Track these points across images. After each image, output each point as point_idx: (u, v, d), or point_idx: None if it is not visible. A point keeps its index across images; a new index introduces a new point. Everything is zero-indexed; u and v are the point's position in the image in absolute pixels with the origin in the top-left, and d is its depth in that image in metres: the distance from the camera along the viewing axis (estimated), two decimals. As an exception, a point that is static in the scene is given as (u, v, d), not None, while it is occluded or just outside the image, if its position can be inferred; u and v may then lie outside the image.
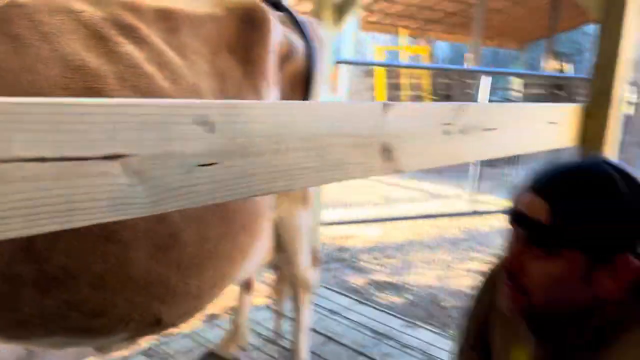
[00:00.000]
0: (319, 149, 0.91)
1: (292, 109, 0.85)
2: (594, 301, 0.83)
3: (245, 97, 1.38)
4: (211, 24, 1.39)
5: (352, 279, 3.34)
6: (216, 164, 0.75)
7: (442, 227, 4.64)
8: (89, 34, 1.11)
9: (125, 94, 1.09)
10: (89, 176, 0.62)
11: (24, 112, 0.56)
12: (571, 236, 0.81)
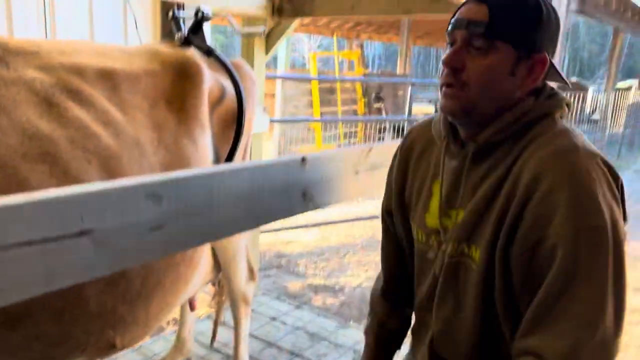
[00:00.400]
0: (248, 202, 1.12)
1: (223, 174, 1.06)
2: (513, 98, 1.01)
3: (181, 143, 1.56)
4: (148, 78, 1.55)
5: (290, 284, 3.57)
6: (164, 227, 0.95)
7: (374, 228, 4.95)
8: (41, 102, 1.25)
9: (76, 154, 1.25)
10: (65, 251, 0.80)
11: (17, 207, 0.74)
12: (504, 29, 0.98)
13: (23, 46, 1.36)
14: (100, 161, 1.29)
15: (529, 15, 0.99)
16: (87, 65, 1.43)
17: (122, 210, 0.87)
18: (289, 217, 1.30)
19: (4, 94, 1.20)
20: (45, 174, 1.18)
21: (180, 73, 1.63)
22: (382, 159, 1.59)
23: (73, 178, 1.22)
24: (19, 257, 0.74)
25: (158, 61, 1.62)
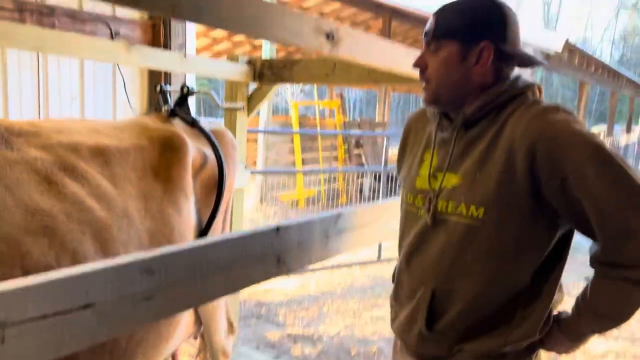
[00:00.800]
0: (229, 270, 1.28)
1: (206, 248, 1.22)
2: (472, 82, 1.25)
3: (166, 212, 1.72)
4: (137, 153, 1.72)
5: (269, 334, 3.66)
6: (155, 296, 1.10)
7: (353, 276, 5.08)
8: (41, 180, 1.41)
9: (72, 227, 1.40)
10: (72, 322, 0.95)
11: (35, 286, 0.89)
12: (446, 29, 1.24)
13: (24, 127, 1.53)
14: (93, 232, 1.44)
15: (467, 14, 1.24)
16: (82, 142, 1.59)
17: (120, 284, 1.02)
18: (264, 280, 1.46)
19: (9, 174, 1.36)
20: (45, 246, 1.32)
21: (166, 147, 1.80)
22: (350, 223, 1.77)
23: (69, 248, 1.36)
24: (34, 329, 0.89)
25: (146, 136, 1.79)
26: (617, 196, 1.10)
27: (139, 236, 1.57)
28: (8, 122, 1.50)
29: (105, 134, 1.72)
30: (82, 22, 3.32)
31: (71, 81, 3.41)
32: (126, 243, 1.51)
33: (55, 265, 1.31)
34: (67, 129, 1.63)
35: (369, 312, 4.13)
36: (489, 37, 1.23)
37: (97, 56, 2.24)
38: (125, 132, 1.78)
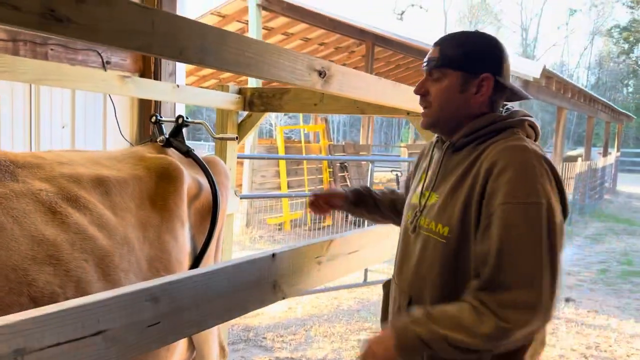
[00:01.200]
0: (229, 298, 1.34)
1: (209, 277, 1.28)
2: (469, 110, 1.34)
3: (163, 239, 1.77)
4: (135, 182, 1.78)
5: (257, 358, 3.68)
6: (159, 323, 1.16)
7: (339, 299, 5.13)
8: (46, 211, 1.46)
9: (76, 255, 1.45)
10: (85, 348, 1.00)
11: (50, 315, 0.95)
12: (450, 59, 1.33)
13: (28, 159, 1.58)
14: (96, 260, 1.49)
15: (469, 47, 1.35)
16: (83, 173, 1.65)
17: (128, 312, 1.08)
18: (261, 307, 1.52)
19: (16, 206, 1.41)
20: (50, 274, 1.37)
21: (163, 176, 1.86)
22: (340, 249, 1.84)
23: (73, 276, 1.41)
24: (50, 356, 0.94)
25: (143, 166, 1.86)
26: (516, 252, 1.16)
27: (139, 263, 1.62)
28: (12, 154, 1.56)
29: (104, 164, 1.78)
30: (74, 51, 3.39)
31: (62, 109, 3.47)
32: (127, 270, 1.56)
33: (60, 293, 1.36)
34: (69, 160, 1.69)
35: (356, 336, 4.17)
36: (489, 70, 1.32)
37: (93, 87, 2.31)
38: (122, 162, 1.85)
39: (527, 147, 1.24)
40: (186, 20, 1.16)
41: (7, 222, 1.35)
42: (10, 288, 1.27)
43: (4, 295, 1.26)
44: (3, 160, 1.49)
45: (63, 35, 0.93)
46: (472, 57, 1.33)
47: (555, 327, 4.62)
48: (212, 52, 1.22)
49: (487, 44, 1.36)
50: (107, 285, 1.47)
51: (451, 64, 1.34)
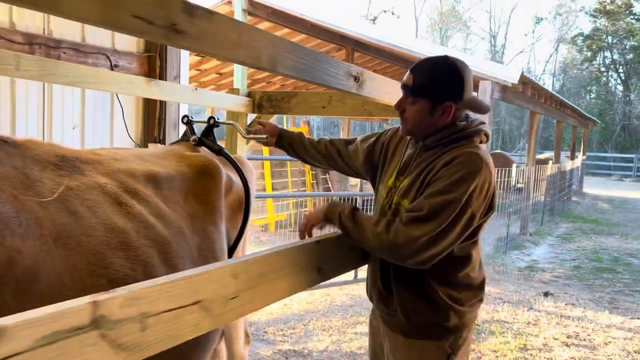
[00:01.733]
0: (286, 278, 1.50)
1: (272, 257, 1.44)
2: (436, 126, 1.71)
3: (208, 229, 1.92)
4: (181, 178, 1.93)
5: (261, 351, 3.83)
6: (238, 297, 1.31)
7: (332, 296, 5.31)
8: (112, 202, 1.60)
9: (142, 242, 1.59)
10: (187, 315, 1.15)
11: (165, 287, 1.10)
12: (421, 90, 1.69)
13: (88, 155, 1.72)
14: (158, 246, 1.64)
15: (435, 79, 1.70)
16: (136, 169, 1.80)
17: (217, 286, 1.24)
18: (306, 289, 1.69)
19: (89, 197, 1.54)
20: (122, 258, 1.51)
21: (204, 173, 2.01)
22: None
23: (141, 261, 1.56)
24: (165, 320, 1.10)
25: (185, 163, 2.00)
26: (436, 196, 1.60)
27: (191, 251, 1.77)
28: (75, 151, 1.69)
29: (151, 161, 1.92)
30: (85, 54, 3.50)
31: (73, 110, 3.56)
32: (183, 256, 1.71)
33: (132, 275, 1.50)
34: (120, 157, 1.83)
35: (353, 329, 4.36)
36: (451, 99, 1.69)
37: (122, 89, 2.44)
38: (166, 159, 1.99)
39: (478, 155, 1.65)
40: (261, 31, 1.33)
41: (84, 212, 1.49)
42: (91, 270, 1.41)
43: (87, 276, 1.40)
44: (69, 156, 1.62)
45: (180, 45, 1.09)
46: (438, 89, 1.69)
47: (536, 319, 4.90)
48: (279, 60, 1.39)
49: (451, 74, 1.70)
50: (168, 270, 1.61)
51: (420, 93, 1.70)
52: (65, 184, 1.51)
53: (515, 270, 7.10)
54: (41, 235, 1.31)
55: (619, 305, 5.58)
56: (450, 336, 1.77)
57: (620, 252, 8.64)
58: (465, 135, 1.71)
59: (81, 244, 1.43)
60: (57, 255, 1.33)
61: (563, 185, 13.70)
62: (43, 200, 1.37)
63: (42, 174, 1.45)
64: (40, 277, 1.27)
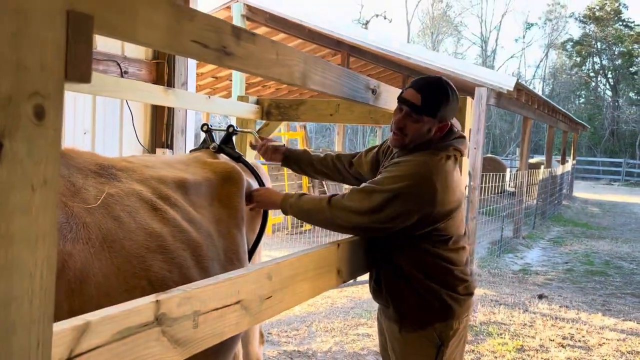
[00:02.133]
0: (311, 279, 1.60)
1: (299, 260, 1.54)
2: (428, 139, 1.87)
3: (232, 233, 2.02)
4: (206, 184, 2.03)
5: (267, 352, 3.92)
6: (272, 296, 1.41)
7: (332, 298, 5.41)
8: (148, 208, 1.69)
9: (177, 245, 1.68)
10: (231, 313, 1.25)
11: (213, 287, 1.19)
12: (428, 109, 1.83)
13: (122, 163, 1.81)
14: (191, 250, 1.73)
15: (442, 102, 1.85)
16: (166, 176, 1.89)
17: (255, 286, 1.34)
18: (327, 290, 1.79)
19: (128, 203, 1.64)
20: (161, 261, 1.60)
21: (227, 179, 2.10)
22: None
23: (177, 263, 1.65)
24: (214, 318, 1.19)
25: (210, 170, 2.10)
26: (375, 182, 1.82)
27: (219, 253, 1.86)
28: (110, 159, 1.78)
29: (178, 168, 2.01)
30: (96, 61, 3.57)
31: (84, 116, 3.64)
32: (212, 259, 1.80)
33: (170, 277, 1.59)
34: (151, 164, 1.92)
35: (355, 330, 4.46)
36: (449, 120, 1.90)
37: (141, 97, 2.53)
38: (191, 166, 2.08)
39: (426, 163, 1.81)
40: (293, 49, 1.44)
41: (125, 217, 1.58)
42: (133, 272, 1.50)
43: (129, 278, 1.49)
44: (105, 163, 1.71)
45: (228, 66, 1.19)
46: (445, 111, 1.86)
47: (532, 321, 5.03)
48: (309, 76, 1.49)
49: (454, 97, 1.88)
50: (200, 272, 1.71)
51: (428, 113, 1.84)
52: (106, 190, 1.60)
53: (510, 273, 7.24)
54: (89, 240, 1.40)
55: (612, 308, 5.73)
56: (438, 325, 1.88)
57: (611, 256, 8.82)
58: (434, 147, 1.87)
59: (124, 248, 1.52)
60: (103, 258, 1.42)
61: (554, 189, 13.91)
62: (89, 206, 1.46)
63: (86, 182, 1.54)
64: (89, 278, 1.36)
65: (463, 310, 1.93)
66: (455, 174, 1.87)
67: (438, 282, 1.87)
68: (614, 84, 36.26)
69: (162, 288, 1.54)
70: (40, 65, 0.68)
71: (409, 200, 1.75)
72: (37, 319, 0.73)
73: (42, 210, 0.70)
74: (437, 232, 1.84)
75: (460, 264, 1.92)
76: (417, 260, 1.87)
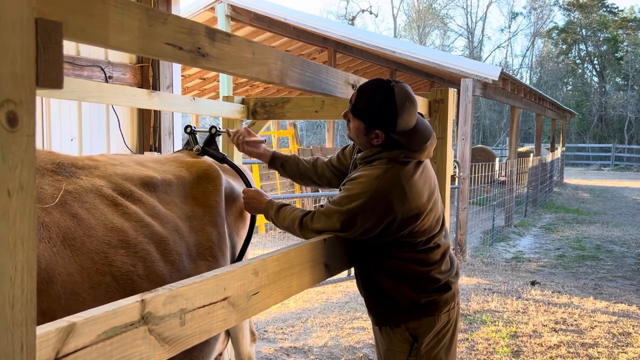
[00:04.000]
0: (299, 274, 1.62)
1: (285, 256, 1.56)
2: (370, 144, 1.88)
3: (206, 230, 2.00)
4: (179, 181, 2.02)
5: (264, 349, 3.94)
6: (259, 292, 1.43)
7: (327, 293, 5.43)
8: (109, 203, 1.68)
9: (140, 240, 1.67)
10: (218, 310, 1.27)
11: (198, 285, 1.21)
12: (357, 111, 1.85)
13: (85, 162, 1.81)
14: (155, 243, 1.73)
15: (372, 106, 1.82)
16: (133, 173, 1.88)
17: (241, 282, 1.36)
18: (314, 285, 1.81)
19: (87, 199, 1.63)
20: (123, 256, 1.60)
21: (203, 177, 2.11)
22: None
23: (140, 257, 1.64)
24: (200, 315, 1.21)
25: (185, 168, 2.11)
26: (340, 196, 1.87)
27: (189, 248, 1.87)
28: (72, 157, 1.79)
29: (149, 167, 2.02)
30: (80, 67, 3.57)
31: (71, 122, 3.64)
32: (180, 253, 1.81)
33: (134, 271, 1.59)
34: (118, 162, 1.92)
35: (350, 324, 4.49)
36: (381, 128, 1.83)
37: (127, 102, 2.53)
38: (166, 165, 2.09)
39: (379, 177, 1.81)
40: (270, 48, 1.45)
41: (84, 213, 1.58)
42: (97, 269, 1.51)
43: (93, 275, 1.49)
44: (65, 162, 1.72)
45: (204, 67, 1.21)
46: (370, 115, 1.83)
47: (525, 307, 5.09)
48: (287, 74, 1.51)
49: (386, 105, 1.79)
50: (166, 265, 1.72)
51: (357, 115, 1.86)
52: (64, 188, 1.60)
53: (503, 261, 7.30)
54: (50, 239, 1.41)
55: (603, 291, 5.80)
56: (411, 323, 1.90)
57: (602, 240, 8.92)
58: (382, 157, 1.86)
59: (85, 245, 1.51)
60: (65, 257, 1.43)
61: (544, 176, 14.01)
62: (46, 206, 1.47)
63: (42, 181, 1.55)
64: (54, 277, 1.36)
65: (438, 307, 1.92)
66: (415, 179, 1.85)
67: (407, 285, 1.89)
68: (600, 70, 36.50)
69: (126, 283, 1.56)
70: (11, 73, 0.70)
71: (367, 217, 1.78)
72: (19, 322, 0.75)
73: (19, 215, 0.72)
74: (404, 239, 1.86)
75: (432, 263, 1.91)
76: (385, 265, 1.90)
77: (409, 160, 1.86)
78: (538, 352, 4.02)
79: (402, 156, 1.84)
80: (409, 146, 1.84)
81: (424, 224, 1.87)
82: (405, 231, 1.83)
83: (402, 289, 1.89)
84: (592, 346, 4.14)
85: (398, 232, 1.82)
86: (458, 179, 7.19)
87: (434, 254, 1.93)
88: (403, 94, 1.80)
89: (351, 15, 38.42)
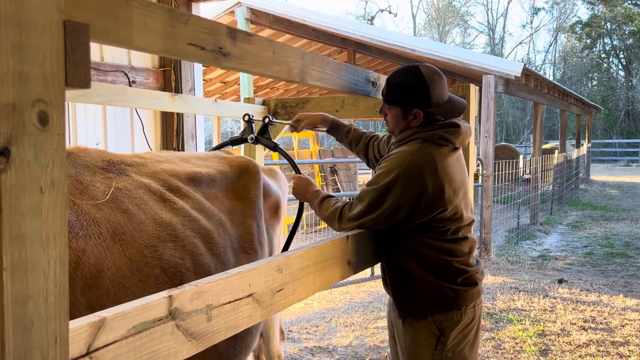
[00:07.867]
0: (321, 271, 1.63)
1: (309, 253, 1.57)
2: (410, 127, 1.91)
3: (246, 223, 2.05)
4: (221, 177, 2.07)
5: (288, 349, 3.96)
6: (283, 288, 1.44)
7: (351, 294, 5.43)
8: (157, 199, 1.73)
9: (187, 234, 1.72)
10: (244, 306, 1.28)
11: (224, 282, 1.23)
12: (392, 99, 1.90)
13: (133, 159, 1.86)
14: (202, 237, 1.77)
15: (404, 89, 1.89)
16: (179, 169, 1.94)
17: (266, 279, 1.37)
18: (339, 281, 1.82)
19: (137, 195, 1.68)
20: (172, 249, 1.64)
21: (244, 172, 2.15)
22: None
23: (188, 250, 1.69)
24: (226, 311, 1.23)
25: (226, 163, 2.15)
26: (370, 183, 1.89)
27: (232, 241, 1.91)
28: (121, 155, 1.84)
29: (193, 163, 2.06)
30: (104, 73, 3.64)
31: (96, 127, 3.71)
32: (225, 246, 1.85)
33: (182, 264, 1.63)
34: (164, 159, 1.97)
35: (374, 324, 4.48)
36: (418, 106, 1.87)
37: (150, 105, 2.58)
38: (208, 160, 2.14)
39: (410, 154, 1.84)
40: (290, 47, 1.47)
41: (134, 209, 1.63)
42: (146, 262, 1.55)
43: (142, 268, 1.53)
44: (115, 160, 1.76)
45: (226, 67, 1.23)
46: (406, 98, 1.89)
47: (553, 305, 5.00)
48: (307, 72, 1.52)
49: (417, 84, 1.87)
50: (212, 258, 1.76)
51: (392, 101, 1.91)
52: (114, 185, 1.65)
53: (529, 259, 7.20)
54: (100, 235, 1.45)
55: (633, 289, 5.68)
56: (438, 316, 1.89)
57: (631, 237, 8.72)
58: (417, 137, 1.89)
59: (135, 239, 1.56)
60: (115, 251, 1.47)
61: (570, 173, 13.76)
62: (97, 202, 1.51)
63: (94, 178, 1.59)
64: (103, 272, 1.40)
65: (464, 301, 1.91)
66: (449, 162, 1.87)
67: (435, 275, 1.88)
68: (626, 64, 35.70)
69: (175, 275, 1.59)
70: (42, 73, 0.72)
71: (399, 191, 1.79)
72: (53, 315, 0.77)
73: (51, 211, 0.74)
74: (434, 224, 1.86)
75: (460, 254, 1.91)
76: (414, 253, 1.89)
77: (445, 144, 1.89)
78: (567, 350, 3.95)
79: (437, 137, 1.88)
80: (448, 116, 1.92)
81: (454, 211, 1.87)
82: (434, 213, 1.83)
83: (429, 277, 1.88)
84: (623, 344, 4.05)
85: (427, 213, 1.82)
86: (482, 177, 7.11)
87: (462, 246, 1.92)
88: (430, 70, 1.89)
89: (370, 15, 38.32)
